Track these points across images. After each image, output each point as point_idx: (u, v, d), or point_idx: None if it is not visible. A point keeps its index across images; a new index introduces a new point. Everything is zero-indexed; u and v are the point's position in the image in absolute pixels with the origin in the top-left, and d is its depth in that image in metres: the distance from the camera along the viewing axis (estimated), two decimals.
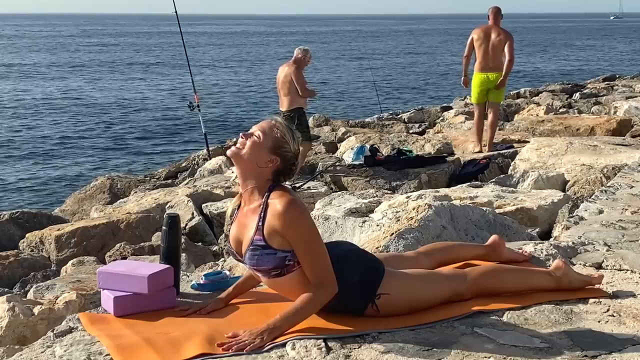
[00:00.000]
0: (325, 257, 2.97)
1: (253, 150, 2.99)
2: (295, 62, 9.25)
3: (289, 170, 3.05)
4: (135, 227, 7.17)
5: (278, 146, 2.99)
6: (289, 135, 3.02)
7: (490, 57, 9.42)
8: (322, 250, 2.98)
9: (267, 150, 2.98)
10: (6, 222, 7.95)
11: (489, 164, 8.74)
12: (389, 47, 64.89)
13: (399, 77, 36.15)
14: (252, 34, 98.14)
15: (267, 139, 2.99)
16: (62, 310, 4.36)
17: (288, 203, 2.91)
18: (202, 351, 2.78)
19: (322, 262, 2.96)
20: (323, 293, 2.95)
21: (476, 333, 2.96)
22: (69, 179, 14.91)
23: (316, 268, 2.95)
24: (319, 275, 2.95)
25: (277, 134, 3.00)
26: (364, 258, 3.16)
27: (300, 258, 2.95)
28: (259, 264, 2.99)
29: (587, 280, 3.43)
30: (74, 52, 57.41)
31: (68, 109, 24.96)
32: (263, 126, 3.03)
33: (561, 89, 18.88)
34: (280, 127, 3.02)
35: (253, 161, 2.99)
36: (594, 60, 46.48)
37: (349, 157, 9.48)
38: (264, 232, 2.95)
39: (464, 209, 4.82)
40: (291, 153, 3.02)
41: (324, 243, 3.04)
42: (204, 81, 32.60)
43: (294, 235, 2.92)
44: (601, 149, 8.07)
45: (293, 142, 3.03)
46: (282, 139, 3.00)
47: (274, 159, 2.99)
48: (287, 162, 3.02)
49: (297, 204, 2.94)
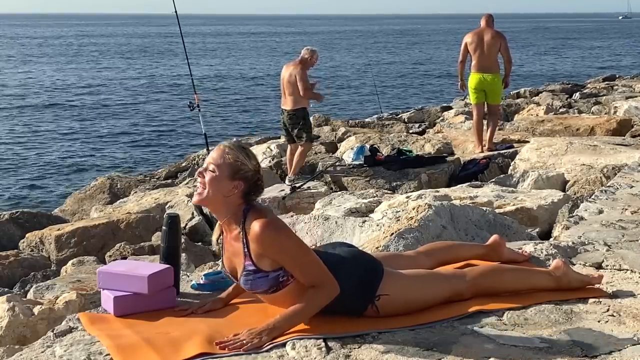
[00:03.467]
0: (317, 265, 2.98)
1: (214, 186, 2.96)
2: (301, 62, 9.24)
3: (255, 187, 3.02)
4: (135, 227, 7.18)
5: (236, 171, 2.96)
6: (243, 155, 2.98)
7: (485, 59, 9.51)
8: (311, 258, 2.98)
9: (227, 179, 2.95)
10: (6, 222, 7.95)
11: (489, 164, 8.74)
12: (389, 47, 64.88)
13: (399, 77, 36.13)
14: (252, 34, 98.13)
15: (222, 169, 2.96)
16: (62, 310, 4.36)
17: (263, 225, 2.90)
18: (201, 351, 2.78)
19: (315, 270, 2.97)
20: (323, 294, 2.95)
21: (476, 333, 2.95)
22: (69, 179, 14.91)
23: (310, 277, 2.96)
24: (315, 282, 2.96)
25: (231, 160, 2.96)
26: (363, 259, 3.16)
27: (292, 272, 2.96)
28: (254, 288, 3.01)
29: (586, 280, 3.43)
30: (73, 52, 57.39)
31: (68, 109, 24.96)
32: (215, 157, 2.99)
33: (561, 89, 18.88)
34: (231, 152, 2.98)
35: (218, 195, 2.97)
36: (600, 60, 46.39)
37: (349, 157, 9.48)
38: (252, 257, 2.96)
39: (464, 209, 4.82)
40: (251, 171, 2.99)
41: (311, 250, 3.05)
42: (204, 81, 32.59)
43: (278, 254, 2.93)
44: (601, 149, 8.07)
45: (249, 159, 2.99)
46: (236, 162, 2.96)
47: (237, 184, 2.96)
48: (250, 181, 2.99)
49: (272, 224, 2.93)
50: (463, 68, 9.82)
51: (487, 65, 9.52)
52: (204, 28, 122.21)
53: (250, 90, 31.05)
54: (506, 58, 9.59)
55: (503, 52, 9.53)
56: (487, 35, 9.56)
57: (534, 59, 46.71)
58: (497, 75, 9.58)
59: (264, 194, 8.26)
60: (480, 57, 9.51)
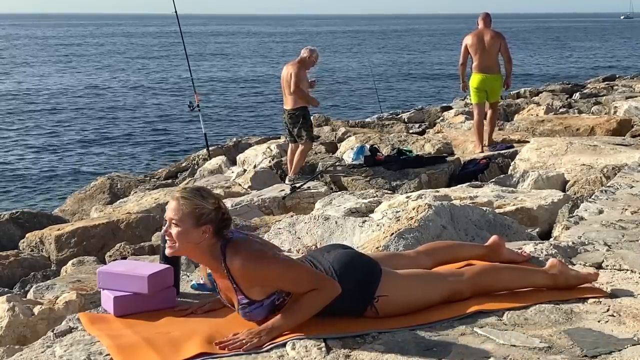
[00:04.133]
0: (306, 273, 2.97)
1: (182, 239, 2.95)
2: (300, 61, 9.23)
3: (223, 223, 2.99)
4: (135, 227, 7.17)
5: (198, 217, 2.93)
6: (199, 199, 2.95)
7: (486, 59, 9.63)
8: (299, 270, 2.98)
9: (192, 228, 2.93)
10: (6, 222, 7.95)
11: (489, 164, 8.74)
12: (389, 46, 64.87)
13: (399, 77, 36.14)
14: (252, 34, 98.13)
15: (185, 221, 2.93)
16: (62, 310, 4.36)
17: (242, 261, 2.90)
18: (201, 351, 2.79)
19: (307, 278, 2.97)
20: (322, 295, 2.96)
21: (476, 333, 2.95)
22: (69, 179, 14.91)
23: (305, 286, 2.95)
24: (311, 288, 2.95)
25: (189, 209, 2.93)
26: (360, 261, 3.16)
27: (286, 289, 2.96)
28: (252, 319, 3.01)
29: (583, 277, 3.43)
30: (73, 52, 57.39)
31: (68, 109, 24.96)
32: (173, 211, 2.95)
33: (561, 89, 18.86)
34: (186, 201, 2.94)
35: (190, 245, 2.96)
36: (601, 60, 46.35)
37: (349, 157, 9.47)
38: (242, 291, 2.96)
39: (464, 209, 4.82)
40: (213, 211, 2.95)
41: (295, 261, 3.04)
42: (204, 81, 32.59)
43: (265, 280, 2.93)
44: (601, 149, 8.07)
45: (206, 200, 2.95)
46: (195, 209, 2.93)
47: (205, 229, 2.94)
48: (216, 220, 2.96)
49: (250, 257, 2.91)
50: (464, 70, 9.94)
51: (489, 65, 9.64)
52: (204, 28, 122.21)
53: (250, 90, 31.05)
54: (506, 58, 9.73)
55: (503, 51, 9.66)
56: (487, 36, 9.67)
57: (534, 59, 46.71)
58: (498, 75, 9.74)
59: (264, 194, 8.29)
60: (481, 57, 9.62)
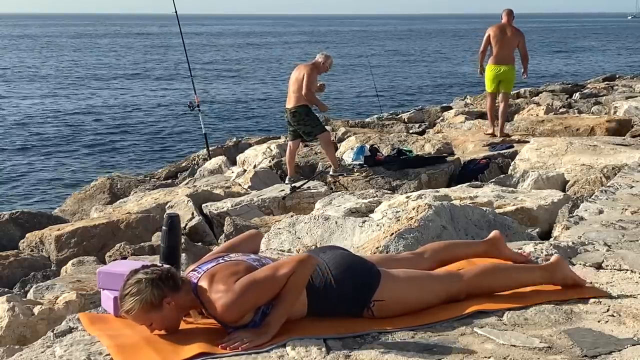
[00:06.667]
0: (274, 271, 2.92)
1: (162, 324, 2.94)
2: (315, 64, 9.27)
3: (174, 281, 2.93)
4: (135, 227, 7.16)
5: (153, 304, 2.88)
6: (136, 291, 2.87)
7: (504, 51, 10.45)
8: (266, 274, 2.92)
9: (158, 315, 2.90)
10: (6, 222, 7.94)
11: (489, 164, 8.75)
12: (389, 46, 64.87)
13: (400, 77, 36.12)
14: (252, 34, 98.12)
15: (148, 316, 2.89)
16: (62, 310, 4.37)
17: (216, 304, 2.87)
18: (201, 351, 2.79)
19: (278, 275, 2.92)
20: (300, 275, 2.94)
21: (476, 333, 2.96)
22: (69, 179, 14.89)
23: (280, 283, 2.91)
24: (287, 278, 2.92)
25: (139, 307, 2.87)
26: (358, 266, 3.15)
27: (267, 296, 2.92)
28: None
29: (577, 280, 3.42)
30: (73, 52, 57.39)
31: (67, 109, 24.95)
32: (132, 316, 2.91)
33: (561, 89, 18.84)
34: (131, 304, 2.87)
35: (172, 321, 2.96)
36: (606, 60, 46.30)
37: (349, 157, 9.48)
38: (228, 325, 2.93)
39: (464, 209, 4.82)
40: (157, 287, 2.88)
41: (257, 269, 2.98)
42: (204, 81, 32.59)
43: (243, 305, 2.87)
44: (601, 149, 8.07)
45: (143, 284, 2.88)
46: (146, 302, 2.86)
47: (167, 301, 2.90)
48: (167, 287, 2.90)
49: (219, 300, 2.87)
50: (483, 57, 10.74)
51: (505, 57, 10.44)
52: (204, 28, 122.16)
53: (250, 90, 31.04)
54: (523, 54, 10.56)
55: (521, 47, 10.51)
56: (509, 31, 10.48)
57: (539, 59, 46.65)
58: (512, 66, 10.52)
59: (264, 194, 8.29)
60: (500, 49, 10.41)
